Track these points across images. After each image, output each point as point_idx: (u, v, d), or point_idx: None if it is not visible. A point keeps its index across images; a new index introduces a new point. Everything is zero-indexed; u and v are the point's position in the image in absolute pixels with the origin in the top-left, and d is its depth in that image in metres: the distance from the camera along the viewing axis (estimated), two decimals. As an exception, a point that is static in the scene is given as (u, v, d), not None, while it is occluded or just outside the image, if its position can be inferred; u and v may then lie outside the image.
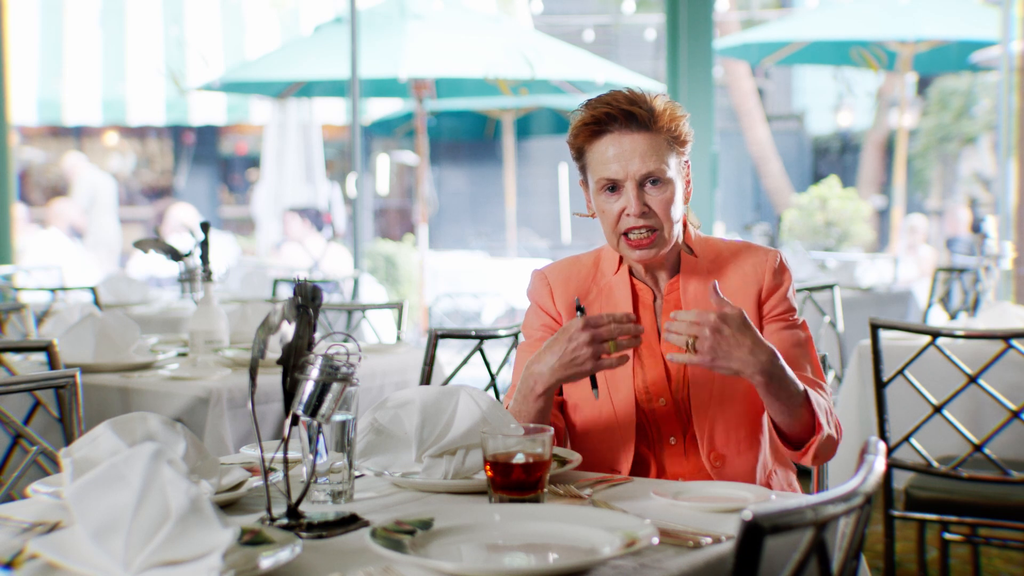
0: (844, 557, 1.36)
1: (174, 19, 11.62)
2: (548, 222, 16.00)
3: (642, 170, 2.09)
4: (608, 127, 2.10)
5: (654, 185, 2.10)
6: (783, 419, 2.01)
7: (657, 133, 2.10)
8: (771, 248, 2.24)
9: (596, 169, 2.13)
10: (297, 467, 1.92)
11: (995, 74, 10.70)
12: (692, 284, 2.19)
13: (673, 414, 2.15)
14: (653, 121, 2.10)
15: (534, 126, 12.80)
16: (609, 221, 2.13)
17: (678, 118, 2.13)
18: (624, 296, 2.20)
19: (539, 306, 2.27)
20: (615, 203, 2.12)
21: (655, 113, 2.10)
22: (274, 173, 11.38)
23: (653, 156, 2.09)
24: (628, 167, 2.09)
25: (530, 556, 1.49)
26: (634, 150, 2.09)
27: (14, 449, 2.28)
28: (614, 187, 2.11)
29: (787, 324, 2.18)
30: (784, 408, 1.99)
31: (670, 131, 2.11)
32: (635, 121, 2.09)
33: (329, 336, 1.79)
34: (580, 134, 2.14)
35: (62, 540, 1.38)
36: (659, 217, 2.11)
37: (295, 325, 1.64)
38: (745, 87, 14.92)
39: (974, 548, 3.57)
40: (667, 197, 2.11)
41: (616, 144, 2.10)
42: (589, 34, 16.47)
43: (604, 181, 2.12)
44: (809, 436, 2.04)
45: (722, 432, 2.12)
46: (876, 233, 12.65)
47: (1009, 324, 3.82)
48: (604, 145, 2.11)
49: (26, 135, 14.50)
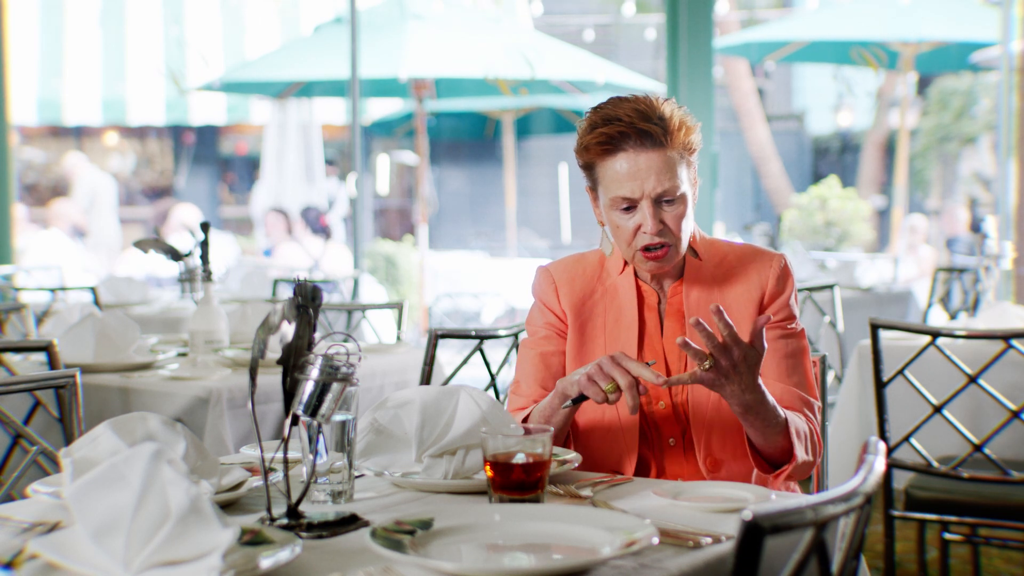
0: (844, 557, 1.36)
1: (174, 19, 11.62)
2: (548, 222, 16.00)
3: (658, 189, 2.07)
4: (621, 145, 2.06)
5: (669, 203, 2.09)
6: (758, 441, 2.05)
7: (671, 149, 2.07)
8: (776, 252, 2.23)
9: (610, 187, 2.10)
10: (297, 467, 1.92)
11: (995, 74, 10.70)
12: (696, 289, 2.19)
13: (672, 417, 2.16)
14: (668, 137, 2.06)
15: (534, 126, 12.80)
16: (624, 236, 2.13)
17: (691, 130, 2.10)
18: (629, 296, 2.21)
19: (544, 303, 2.26)
20: (630, 220, 2.10)
21: (669, 129, 2.07)
22: (274, 173, 11.38)
23: (668, 174, 2.06)
24: (644, 186, 2.06)
25: (530, 556, 1.49)
26: (649, 168, 2.06)
27: (14, 449, 2.28)
28: (629, 206, 2.10)
29: (784, 333, 2.19)
30: (758, 434, 2.03)
31: (684, 145, 2.10)
32: (649, 139, 2.05)
33: (329, 336, 1.79)
34: (591, 150, 2.10)
35: (62, 540, 1.38)
36: (673, 233, 2.11)
37: (295, 325, 1.64)
38: (745, 87, 14.92)
39: (974, 548, 3.57)
40: (681, 212, 2.11)
41: (631, 162, 2.06)
42: (589, 34, 16.48)
43: (620, 200, 2.09)
44: (783, 461, 2.07)
45: (719, 437, 2.13)
46: (876, 233, 12.65)
47: (1009, 324, 3.82)
48: (618, 163, 2.07)
49: (26, 135, 14.50)
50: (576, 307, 2.22)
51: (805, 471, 2.12)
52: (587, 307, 2.23)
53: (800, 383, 2.17)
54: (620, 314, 2.20)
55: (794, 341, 2.18)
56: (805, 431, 2.10)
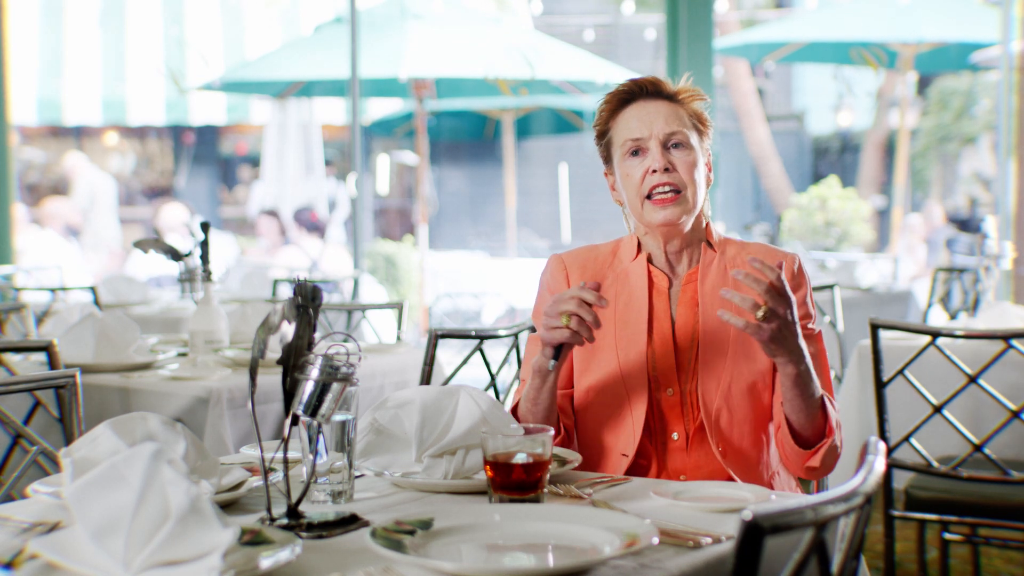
0: (844, 557, 1.36)
1: (174, 19, 11.62)
2: (548, 222, 16.00)
3: (666, 129, 2.15)
4: (634, 98, 2.20)
5: (677, 148, 2.16)
6: (800, 416, 2.05)
7: (680, 105, 2.19)
8: (789, 251, 2.26)
9: (620, 135, 2.19)
10: (297, 467, 1.92)
11: (995, 74, 10.70)
12: (710, 277, 2.20)
13: (679, 406, 2.15)
14: (676, 94, 2.20)
15: (534, 126, 12.79)
16: (634, 184, 2.17)
17: (700, 97, 2.22)
18: (640, 282, 2.21)
19: (553, 293, 2.25)
20: (639, 165, 2.16)
21: (678, 90, 2.21)
22: (274, 173, 11.38)
23: (676, 120, 2.17)
24: (652, 127, 2.16)
25: (530, 556, 1.49)
26: (658, 112, 2.17)
27: (14, 449, 2.28)
28: (638, 151, 2.17)
29: (803, 335, 2.17)
30: (803, 406, 2.03)
31: (692, 109, 2.20)
32: (660, 92, 2.19)
33: (329, 336, 1.79)
34: (605, 109, 2.22)
35: (62, 540, 1.38)
36: (682, 177, 2.15)
37: (295, 325, 1.64)
38: (745, 87, 14.91)
39: (974, 548, 3.57)
40: (691, 160, 2.16)
41: (641, 109, 2.18)
42: (589, 34, 16.49)
43: (629, 143, 2.17)
44: (819, 439, 2.07)
45: (727, 424, 2.13)
46: (876, 233, 12.65)
47: (1009, 324, 3.82)
48: (629, 113, 2.19)
49: (26, 135, 14.50)
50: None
51: (833, 459, 2.10)
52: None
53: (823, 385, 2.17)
54: (631, 298, 2.21)
55: (813, 342, 2.17)
56: (836, 418, 2.10)
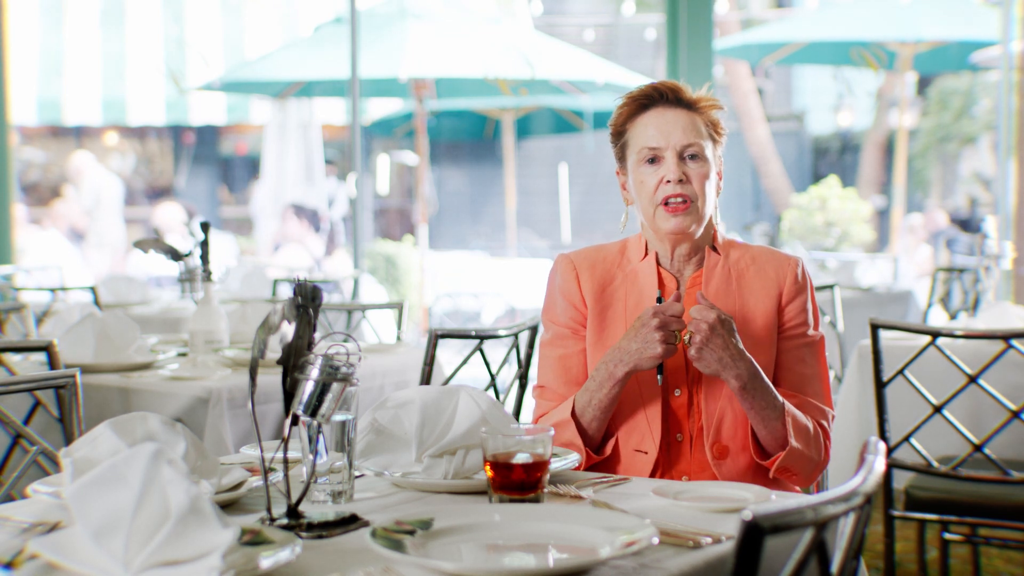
0: (844, 557, 1.36)
1: (174, 19, 11.61)
2: (548, 222, 16.00)
3: (683, 140, 2.18)
4: (652, 103, 2.22)
5: (692, 160, 2.19)
6: (757, 426, 2.11)
7: (698, 114, 2.21)
8: (792, 255, 2.28)
9: (637, 141, 2.21)
10: (297, 467, 1.92)
11: (995, 74, 10.71)
12: (714, 281, 2.22)
13: (685, 407, 2.18)
14: (695, 103, 2.22)
15: (534, 126, 12.78)
16: (647, 191, 2.20)
17: (717, 106, 2.24)
18: (650, 282, 2.23)
19: (563, 295, 2.27)
20: (654, 174, 2.19)
21: (696, 98, 2.23)
22: (274, 173, 11.37)
23: (693, 131, 2.19)
24: (670, 137, 2.18)
25: (530, 556, 1.49)
26: (676, 122, 2.19)
27: (14, 449, 2.28)
28: (654, 159, 2.19)
29: (802, 343, 2.21)
30: (758, 417, 2.09)
31: (709, 117, 2.22)
32: (679, 100, 2.21)
33: (329, 336, 1.79)
34: (623, 112, 2.24)
35: (62, 540, 1.38)
36: (695, 188, 2.18)
37: (295, 325, 1.64)
38: (745, 87, 14.91)
39: (974, 548, 3.57)
40: (704, 172, 2.20)
41: (659, 117, 2.20)
42: (589, 34, 16.49)
43: (645, 151, 2.20)
44: (779, 449, 2.11)
45: (728, 427, 2.15)
46: (876, 233, 12.66)
47: (1009, 324, 3.82)
48: (647, 119, 2.21)
49: (26, 135, 14.50)
50: (596, 293, 2.24)
51: (807, 468, 2.13)
52: (607, 293, 2.25)
53: (817, 392, 2.21)
54: (640, 299, 2.23)
55: (811, 350, 2.21)
56: (807, 426, 2.13)
